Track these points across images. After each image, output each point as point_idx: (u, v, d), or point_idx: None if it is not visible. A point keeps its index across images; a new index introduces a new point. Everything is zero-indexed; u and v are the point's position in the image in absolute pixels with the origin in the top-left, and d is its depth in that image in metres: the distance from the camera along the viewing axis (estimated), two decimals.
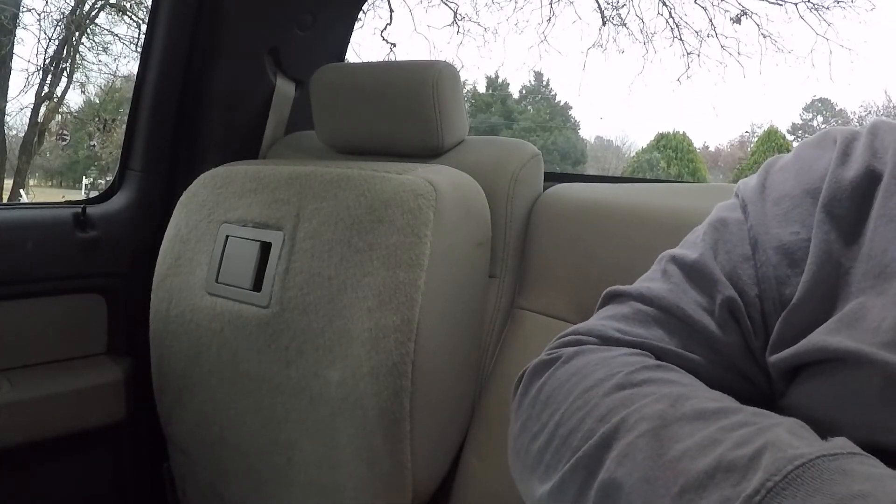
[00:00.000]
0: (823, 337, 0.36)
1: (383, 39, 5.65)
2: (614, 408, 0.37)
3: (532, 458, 0.40)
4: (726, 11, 6.15)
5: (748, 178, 0.49)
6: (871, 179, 0.41)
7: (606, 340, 0.45)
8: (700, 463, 0.31)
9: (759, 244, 0.43)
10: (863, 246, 0.39)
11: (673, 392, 0.37)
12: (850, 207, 0.40)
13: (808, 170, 0.44)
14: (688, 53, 6.41)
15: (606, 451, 0.35)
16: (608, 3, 6.33)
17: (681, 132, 8.85)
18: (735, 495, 0.28)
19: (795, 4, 5.92)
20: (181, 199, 0.94)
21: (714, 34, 6.38)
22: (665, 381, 0.38)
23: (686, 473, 0.31)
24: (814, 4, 5.90)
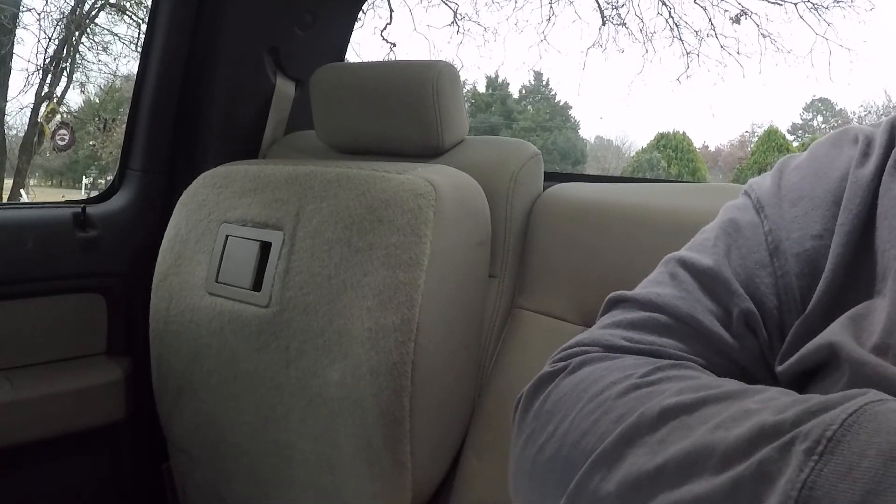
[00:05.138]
0: (830, 333, 0.36)
1: (383, 39, 5.65)
2: (631, 407, 0.34)
3: (540, 470, 0.37)
4: (726, 11, 6.16)
5: (759, 177, 0.47)
6: (879, 180, 0.40)
7: (614, 350, 0.41)
8: (736, 431, 0.29)
9: (779, 250, 0.41)
10: (871, 246, 0.38)
11: (692, 384, 0.35)
12: (863, 207, 0.39)
13: (825, 170, 0.42)
14: (687, 53, 6.41)
15: (627, 447, 0.32)
16: (608, 3, 6.33)
17: (681, 132, 8.87)
18: (785, 453, 0.27)
19: (795, 4, 5.93)
20: (181, 198, 0.94)
21: (714, 34, 6.39)
22: (681, 377, 0.36)
23: (723, 442, 0.29)
24: (813, 4, 5.90)
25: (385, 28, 5.65)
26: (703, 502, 0.28)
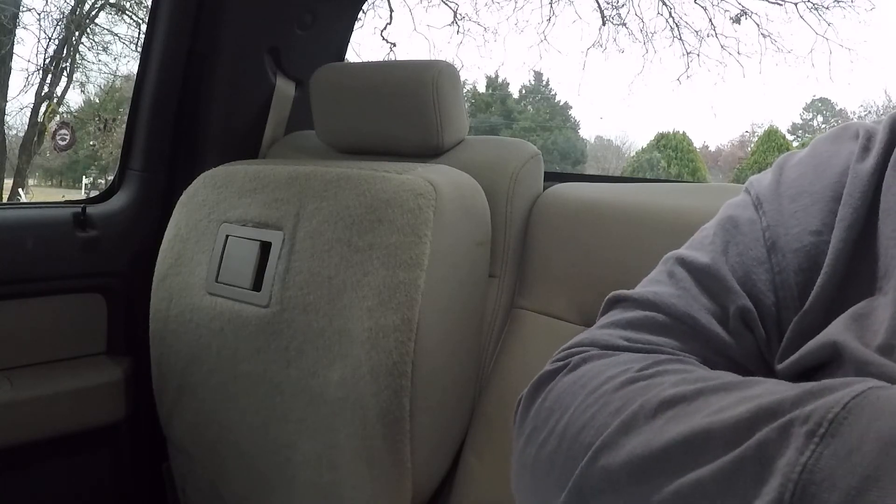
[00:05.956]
0: (833, 332, 0.35)
1: (383, 39, 5.65)
2: (629, 399, 0.34)
3: (542, 467, 0.38)
4: (726, 11, 6.16)
5: (760, 174, 0.47)
6: (880, 175, 0.40)
7: (611, 349, 0.42)
8: (736, 411, 0.29)
9: (776, 246, 0.41)
10: (873, 242, 0.38)
11: (690, 377, 0.35)
12: (863, 202, 0.39)
13: (826, 165, 0.42)
14: (688, 53, 6.41)
15: (626, 436, 0.33)
16: (608, 3, 6.33)
17: (681, 132, 8.86)
18: (785, 434, 0.27)
19: (795, 4, 5.93)
20: (181, 198, 0.94)
21: (714, 34, 6.39)
22: (680, 370, 0.36)
23: (722, 424, 0.29)
24: (814, 4, 5.90)
25: (385, 28, 5.65)
26: (707, 485, 0.28)
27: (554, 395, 0.40)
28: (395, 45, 5.77)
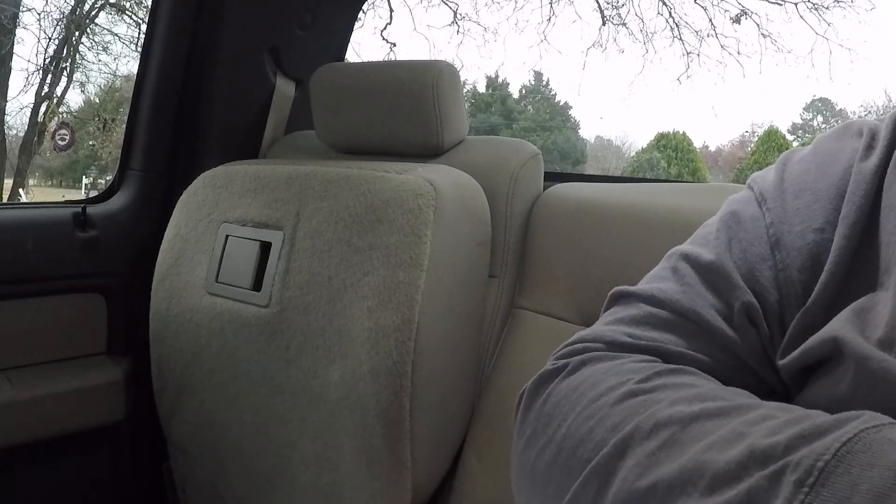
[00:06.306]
0: (834, 327, 0.35)
1: (383, 39, 5.65)
2: (627, 416, 0.34)
3: (540, 474, 0.38)
4: (726, 11, 6.16)
5: (762, 171, 0.46)
6: (883, 172, 0.40)
7: (615, 346, 0.42)
8: (728, 454, 0.29)
9: (780, 243, 0.40)
10: (875, 239, 0.38)
11: (688, 395, 0.35)
12: (866, 199, 0.39)
13: (829, 163, 0.42)
14: (688, 53, 6.42)
15: (620, 460, 0.32)
16: (608, 3, 6.33)
17: (681, 132, 8.86)
18: (775, 482, 0.26)
19: (795, 4, 5.93)
20: (181, 198, 0.94)
21: (714, 34, 6.39)
22: (679, 385, 0.36)
23: (713, 465, 0.28)
24: (814, 4, 5.90)
25: (385, 28, 5.65)
26: None
27: (554, 399, 0.40)
28: (395, 45, 5.77)
